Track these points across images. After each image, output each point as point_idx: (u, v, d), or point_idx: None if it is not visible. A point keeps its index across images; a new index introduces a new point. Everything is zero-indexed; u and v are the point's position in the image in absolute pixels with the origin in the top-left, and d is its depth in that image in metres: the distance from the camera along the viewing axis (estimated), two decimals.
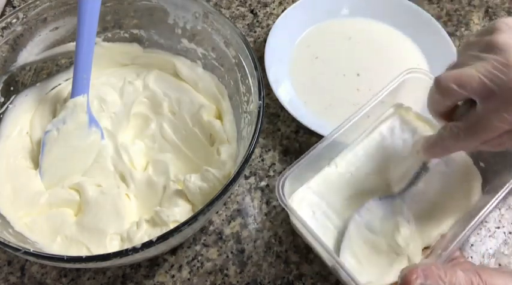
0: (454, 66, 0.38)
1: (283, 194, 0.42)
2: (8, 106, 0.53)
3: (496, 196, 0.42)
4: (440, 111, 0.39)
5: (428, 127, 0.50)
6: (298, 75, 0.63)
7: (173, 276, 0.50)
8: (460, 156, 0.48)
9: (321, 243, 0.41)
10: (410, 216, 0.45)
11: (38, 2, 0.51)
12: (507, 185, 0.42)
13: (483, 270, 0.36)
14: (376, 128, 0.51)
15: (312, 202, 0.47)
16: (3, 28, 0.50)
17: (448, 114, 0.40)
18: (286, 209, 0.43)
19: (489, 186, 0.47)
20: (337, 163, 0.49)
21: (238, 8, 0.71)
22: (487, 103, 0.35)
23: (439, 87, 0.37)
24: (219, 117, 0.55)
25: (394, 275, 0.42)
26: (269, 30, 0.63)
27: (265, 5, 0.71)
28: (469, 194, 0.47)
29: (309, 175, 0.48)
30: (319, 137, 0.58)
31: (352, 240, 0.45)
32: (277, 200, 0.54)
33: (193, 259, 0.51)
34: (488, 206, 0.42)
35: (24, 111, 0.54)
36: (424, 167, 0.45)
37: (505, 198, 0.54)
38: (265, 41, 0.62)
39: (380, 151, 0.49)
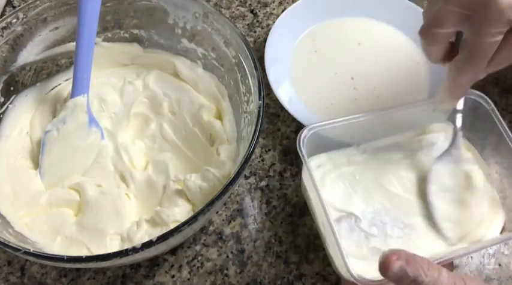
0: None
1: (303, 143, 0.43)
2: (8, 106, 0.53)
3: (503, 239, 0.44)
4: (441, 57, 0.41)
5: (472, 156, 0.49)
6: (298, 75, 0.63)
7: (173, 276, 0.50)
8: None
9: (323, 204, 0.41)
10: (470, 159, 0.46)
11: (38, 2, 0.51)
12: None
13: (470, 279, 0.35)
14: (420, 136, 0.50)
15: (328, 171, 0.47)
16: (3, 28, 0.50)
17: (450, 56, 0.41)
18: (301, 156, 0.43)
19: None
20: (366, 148, 0.49)
21: (238, 8, 0.71)
22: (470, 28, 0.37)
23: (425, 37, 0.40)
24: (219, 117, 0.55)
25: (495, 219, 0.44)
26: (269, 30, 0.63)
27: (265, 5, 0.71)
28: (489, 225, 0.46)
29: (332, 145, 0.48)
30: None
31: (440, 209, 0.45)
32: (277, 200, 0.54)
33: (193, 259, 0.51)
34: (490, 243, 0.44)
35: (24, 111, 0.54)
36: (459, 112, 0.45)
37: (504, 198, 0.54)
38: (265, 41, 0.62)
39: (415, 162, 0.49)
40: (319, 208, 0.43)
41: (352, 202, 0.46)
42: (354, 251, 0.43)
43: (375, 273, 0.36)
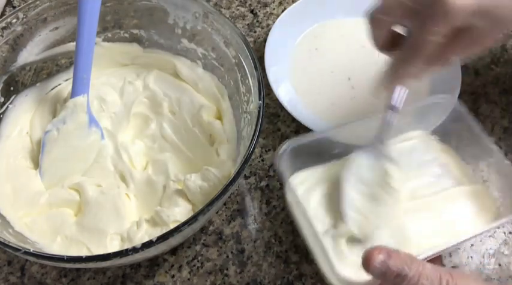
0: None
1: (281, 161, 0.43)
2: (8, 106, 0.53)
3: (489, 228, 0.43)
4: (381, 44, 0.42)
5: (447, 155, 0.49)
6: (298, 75, 0.63)
7: (173, 276, 0.50)
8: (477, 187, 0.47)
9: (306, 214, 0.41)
10: (394, 158, 0.45)
11: (38, 2, 0.51)
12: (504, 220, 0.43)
13: (457, 272, 0.35)
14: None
15: (310, 187, 0.46)
16: (3, 28, 0.50)
17: (392, 47, 0.42)
18: (281, 176, 0.43)
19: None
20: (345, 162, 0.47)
21: (238, 8, 0.71)
22: (415, 23, 0.38)
23: (371, 21, 0.41)
24: (219, 117, 0.55)
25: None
26: (269, 30, 0.63)
27: (265, 5, 0.71)
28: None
29: (312, 160, 0.47)
30: None
31: (350, 197, 0.44)
32: (277, 200, 0.54)
33: (193, 259, 0.51)
34: (479, 233, 0.43)
35: (24, 111, 0.54)
36: (390, 107, 0.44)
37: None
38: (265, 41, 0.62)
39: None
40: (305, 223, 0.42)
41: (336, 215, 0.45)
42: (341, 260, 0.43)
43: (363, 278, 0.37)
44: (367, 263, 0.35)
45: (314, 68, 0.63)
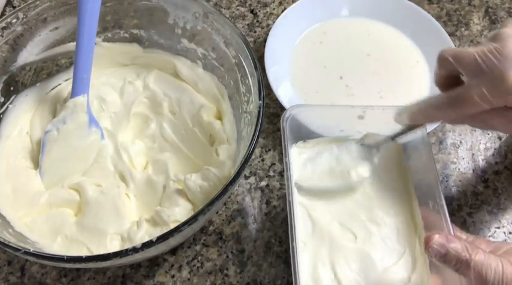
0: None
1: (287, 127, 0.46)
2: (8, 106, 0.53)
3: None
4: (438, 81, 0.43)
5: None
6: (298, 75, 0.63)
7: (173, 276, 0.50)
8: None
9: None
10: (379, 166, 0.48)
11: (38, 2, 0.51)
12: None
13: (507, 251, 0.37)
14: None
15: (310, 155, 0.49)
16: (3, 28, 0.50)
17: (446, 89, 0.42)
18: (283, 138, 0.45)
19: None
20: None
21: (238, 8, 0.71)
22: (473, 80, 0.38)
23: (439, 58, 0.41)
24: (219, 117, 0.55)
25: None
26: (269, 30, 0.63)
27: (265, 5, 0.71)
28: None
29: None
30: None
31: (321, 159, 0.48)
32: (277, 200, 0.54)
33: (193, 259, 0.51)
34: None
35: (24, 111, 0.54)
36: (405, 130, 0.46)
37: (505, 199, 0.54)
38: (265, 41, 0.62)
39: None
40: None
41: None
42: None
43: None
44: (426, 244, 0.36)
45: (314, 68, 0.63)
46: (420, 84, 0.62)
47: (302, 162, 0.48)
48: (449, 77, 0.42)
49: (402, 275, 0.42)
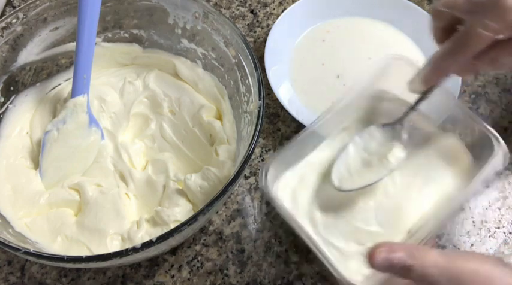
0: None
1: (266, 182, 0.42)
2: (8, 106, 0.53)
3: (472, 184, 0.43)
4: (438, 35, 0.43)
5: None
6: (298, 75, 0.63)
7: (173, 276, 0.50)
8: (451, 140, 0.47)
9: (301, 229, 0.40)
10: (407, 143, 0.46)
11: (38, 2, 0.51)
12: (484, 170, 0.42)
13: (461, 254, 0.36)
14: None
15: (295, 185, 0.46)
16: (3, 28, 0.50)
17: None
18: (268, 197, 0.42)
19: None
20: (320, 149, 0.48)
21: (238, 8, 0.71)
22: (472, 17, 0.38)
23: (432, 12, 0.41)
24: (219, 117, 0.55)
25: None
26: (269, 30, 0.63)
27: (265, 5, 0.71)
28: (455, 179, 0.46)
29: (293, 160, 0.47)
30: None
31: (348, 156, 0.46)
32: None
33: (193, 259, 0.51)
34: (465, 194, 0.43)
35: (24, 111, 0.54)
36: (423, 96, 0.45)
37: (504, 198, 0.54)
38: (265, 41, 0.62)
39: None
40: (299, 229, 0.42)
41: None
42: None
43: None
44: (370, 261, 0.36)
45: (314, 68, 0.63)
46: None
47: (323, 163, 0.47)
48: (447, 29, 0.42)
49: None
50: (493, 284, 0.34)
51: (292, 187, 0.45)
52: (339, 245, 0.43)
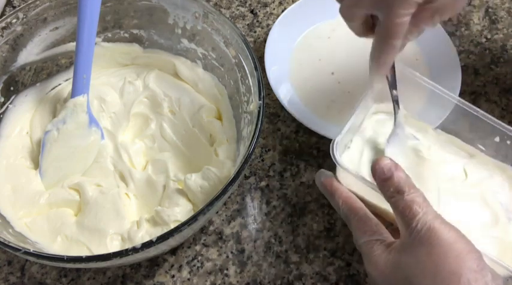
0: None
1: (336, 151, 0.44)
2: (8, 106, 0.53)
3: None
4: (362, 32, 0.44)
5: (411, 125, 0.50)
6: (298, 75, 0.63)
7: (173, 276, 0.50)
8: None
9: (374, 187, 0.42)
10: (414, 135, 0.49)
11: (38, 2, 0.51)
12: None
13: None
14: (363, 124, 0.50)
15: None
16: (3, 28, 0.50)
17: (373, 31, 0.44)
18: (337, 164, 0.44)
19: None
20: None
21: (238, 8, 0.71)
22: (383, 10, 0.39)
23: (345, 15, 0.42)
24: (219, 117, 0.55)
25: None
26: (269, 30, 0.63)
27: (265, 5, 0.71)
28: None
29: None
30: (319, 137, 0.58)
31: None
32: (277, 199, 0.54)
33: (193, 259, 0.51)
34: None
35: (24, 111, 0.54)
36: (390, 82, 0.47)
37: None
38: (265, 41, 0.62)
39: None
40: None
41: None
42: None
43: None
44: (377, 162, 0.38)
45: (314, 68, 0.63)
46: (420, 83, 0.62)
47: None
48: (365, 23, 0.43)
49: None
50: (460, 270, 0.34)
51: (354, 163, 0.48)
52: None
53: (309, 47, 0.65)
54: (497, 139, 0.48)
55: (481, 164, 0.49)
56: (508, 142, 0.47)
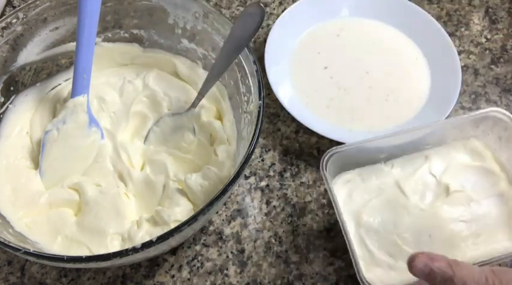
0: None
1: (326, 167, 0.45)
2: (8, 106, 0.53)
3: None
4: None
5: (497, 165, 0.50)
6: (298, 75, 0.63)
7: (173, 276, 0.50)
8: None
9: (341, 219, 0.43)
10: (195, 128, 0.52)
11: (38, 2, 0.51)
12: None
13: (499, 269, 0.36)
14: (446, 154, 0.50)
15: (356, 185, 0.48)
16: (3, 28, 0.50)
17: None
18: (324, 178, 0.45)
19: None
20: (394, 164, 0.50)
21: (238, 8, 0.71)
22: None
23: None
24: (219, 117, 0.55)
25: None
26: (269, 30, 0.63)
27: (265, 5, 0.71)
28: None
29: (355, 161, 0.49)
30: (319, 137, 0.58)
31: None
32: (277, 199, 0.54)
33: (193, 259, 0.51)
34: None
35: (24, 111, 0.54)
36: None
37: None
38: (265, 41, 0.62)
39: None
40: (342, 219, 0.44)
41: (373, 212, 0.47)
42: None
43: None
44: (410, 264, 0.37)
45: (314, 68, 0.63)
46: (420, 84, 0.62)
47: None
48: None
49: None
50: None
51: (351, 185, 0.48)
52: (372, 249, 0.45)
53: (309, 47, 0.65)
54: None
55: (438, 157, 0.50)
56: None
